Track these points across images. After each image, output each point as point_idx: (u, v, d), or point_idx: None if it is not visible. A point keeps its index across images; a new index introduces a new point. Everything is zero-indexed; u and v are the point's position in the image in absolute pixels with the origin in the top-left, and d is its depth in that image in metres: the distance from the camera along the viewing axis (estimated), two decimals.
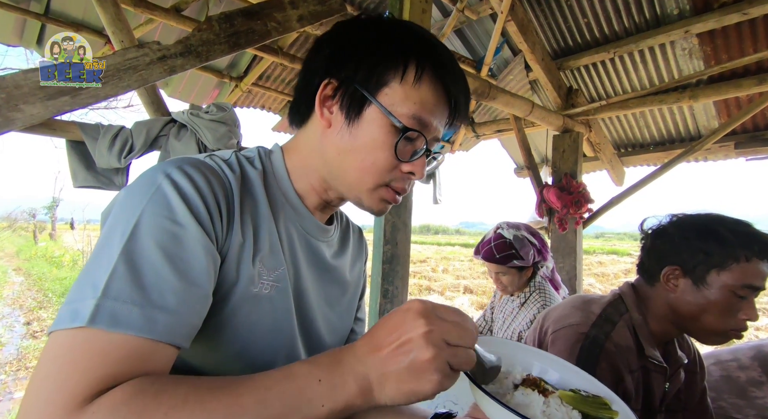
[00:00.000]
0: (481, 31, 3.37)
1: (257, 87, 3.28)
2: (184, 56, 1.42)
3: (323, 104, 0.59)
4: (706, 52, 2.71)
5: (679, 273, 0.97)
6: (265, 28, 1.62)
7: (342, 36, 0.60)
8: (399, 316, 0.43)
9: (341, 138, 0.58)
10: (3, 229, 18.17)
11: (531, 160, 3.34)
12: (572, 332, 0.97)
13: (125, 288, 0.41)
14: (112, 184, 1.47)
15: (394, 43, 0.57)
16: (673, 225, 1.02)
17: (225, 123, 1.56)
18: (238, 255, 0.53)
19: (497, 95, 2.49)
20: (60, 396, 0.37)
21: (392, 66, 0.56)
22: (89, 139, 1.40)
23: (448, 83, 0.58)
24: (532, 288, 1.91)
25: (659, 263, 1.00)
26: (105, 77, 1.28)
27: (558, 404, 0.50)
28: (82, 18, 2.41)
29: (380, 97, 0.56)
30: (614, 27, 2.86)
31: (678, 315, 0.97)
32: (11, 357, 5.01)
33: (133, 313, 0.41)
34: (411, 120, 0.56)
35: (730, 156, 3.18)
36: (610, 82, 3.25)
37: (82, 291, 0.42)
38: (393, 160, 0.57)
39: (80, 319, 0.39)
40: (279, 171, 0.63)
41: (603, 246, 23.55)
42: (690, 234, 0.97)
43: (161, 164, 0.52)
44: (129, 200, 0.48)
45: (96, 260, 0.44)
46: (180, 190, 0.48)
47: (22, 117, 1.12)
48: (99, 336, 0.39)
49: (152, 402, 0.37)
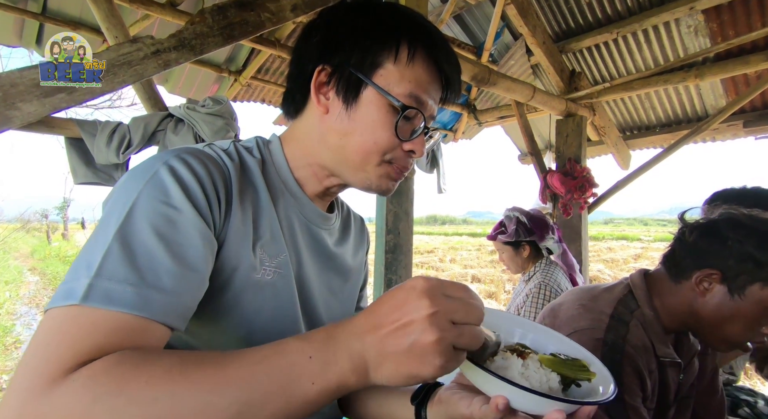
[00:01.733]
0: (480, 15, 3.31)
1: (256, 80, 3.27)
2: (178, 50, 1.41)
3: (319, 91, 0.59)
4: (712, 28, 2.64)
5: (717, 279, 0.88)
6: (259, 18, 1.61)
7: (331, 22, 0.60)
8: (402, 294, 0.40)
9: (341, 122, 0.58)
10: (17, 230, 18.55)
11: (534, 145, 3.30)
12: (587, 338, 0.90)
13: (119, 269, 0.42)
14: (112, 179, 1.49)
15: (384, 24, 0.58)
16: (728, 225, 0.90)
17: (222, 116, 1.57)
18: (237, 241, 0.54)
19: (498, 81, 2.46)
20: (45, 366, 0.37)
21: (385, 47, 0.57)
22: (87, 136, 1.41)
23: (441, 61, 0.59)
24: (537, 267, 2.03)
25: (697, 262, 0.90)
26: None
27: (537, 366, 0.50)
28: (80, 16, 2.41)
29: (376, 79, 0.56)
30: (617, 6, 2.80)
31: (697, 318, 0.91)
32: None
33: (127, 292, 0.41)
34: (408, 98, 0.56)
35: (739, 135, 3.11)
36: (613, 64, 3.19)
37: (77, 272, 0.42)
38: (394, 139, 0.58)
39: (73, 297, 0.40)
40: (278, 160, 0.64)
41: (612, 232, 23.35)
42: (747, 241, 0.86)
43: (160, 153, 0.53)
44: (127, 185, 0.48)
45: (92, 242, 0.45)
46: (177, 175, 0.49)
47: (20, 115, 1.14)
48: (90, 312, 0.40)
49: (133, 370, 0.37)
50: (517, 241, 2.05)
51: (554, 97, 2.96)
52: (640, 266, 8.82)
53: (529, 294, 1.89)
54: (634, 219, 61.35)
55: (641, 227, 34.82)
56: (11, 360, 4.96)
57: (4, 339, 5.64)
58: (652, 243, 17.47)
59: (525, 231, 2.03)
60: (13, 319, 6.88)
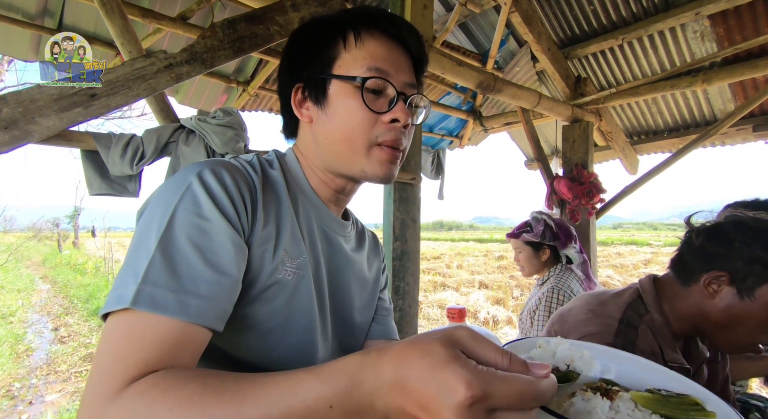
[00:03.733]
0: (485, 23, 3.34)
1: (264, 90, 3.32)
2: (190, 63, 1.45)
3: (300, 107, 0.66)
4: (719, 33, 2.63)
5: (726, 281, 0.88)
6: (268, 31, 1.64)
7: (289, 47, 0.67)
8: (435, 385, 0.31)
9: (323, 124, 0.63)
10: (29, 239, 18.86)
11: (540, 151, 3.30)
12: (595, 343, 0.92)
13: (162, 276, 0.46)
14: (126, 190, 1.52)
15: (328, 23, 0.63)
16: (735, 227, 0.90)
17: (232, 127, 1.60)
18: (262, 245, 0.58)
19: (503, 88, 2.47)
20: (106, 381, 0.42)
21: (333, 41, 0.61)
22: (102, 148, 1.45)
23: (386, 27, 0.62)
24: (552, 272, 2.03)
25: (705, 265, 0.90)
26: (115, 87, 1.32)
27: (631, 408, 0.39)
28: (94, 31, 2.48)
29: (335, 71, 0.61)
30: (621, 12, 2.81)
31: (707, 321, 0.90)
32: (41, 362, 5.20)
33: (169, 298, 0.45)
34: (368, 73, 0.59)
35: (749, 139, 3.08)
36: (619, 69, 3.19)
37: (125, 279, 0.47)
38: (369, 115, 0.60)
39: (124, 302, 0.45)
40: (294, 169, 0.69)
41: (621, 237, 23.08)
42: (754, 243, 0.86)
43: (192, 165, 0.57)
44: (164, 197, 0.53)
45: (136, 251, 0.49)
46: (208, 188, 0.53)
47: (39, 129, 1.17)
48: (139, 319, 0.44)
49: (161, 396, 0.40)
50: (539, 243, 2.05)
51: (560, 103, 2.96)
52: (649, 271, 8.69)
53: (542, 298, 1.89)
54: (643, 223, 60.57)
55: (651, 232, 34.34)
56: (23, 368, 5.02)
57: (16, 347, 5.71)
58: (662, 248, 17.23)
59: (551, 234, 2.04)
60: (25, 327, 6.97)
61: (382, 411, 0.35)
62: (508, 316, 6.76)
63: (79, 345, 5.78)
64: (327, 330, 0.67)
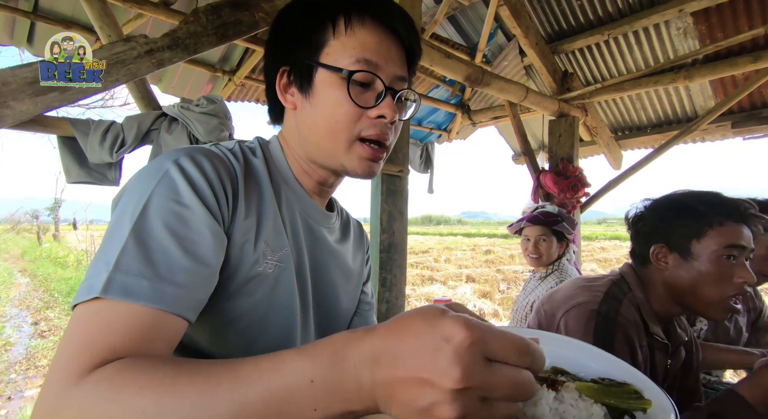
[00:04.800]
0: (474, 16, 3.33)
1: (250, 80, 3.26)
2: (172, 49, 1.41)
3: (284, 92, 0.62)
4: (701, 30, 2.68)
5: (666, 250, 1.01)
6: (253, 18, 1.61)
7: (274, 30, 0.63)
8: (434, 340, 0.30)
9: (306, 113, 0.60)
10: (6, 231, 18.30)
11: (527, 146, 3.33)
12: (583, 310, 0.98)
13: (135, 264, 0.44)
14: (105, 179, 1.48)
15: (315, 8, 0.59)
16: (648, 209, 1.08)
17: (216, 115, 1.57)
18: (243, 236, 0.55)
19: (491, 81, 2.48)
20: (67, 366, 0.39)
21: (322, 26, 0.58)
22: (80, 135, 1.40)
23: (379, 16, 0.58)
24: (555, 267, 2.06)
25: (646, 245, 1.04)
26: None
27: (575, 398, 0.40)
28: (72, 15, 2.39)
29: (323, 58, 0.57)
30: (608, 8, 2.83)
31: (676, 291, 0.99)
32: (21, 357, 5.08)
33: (143, 285, 0.43)
34: (356, 64, 0.56)
35: (728, 135, 3.17)
36: (605, 65, 3.23)
37: (96, 268, 0.44)
38: (355, 110, 0.57)
39: (94, 291, 0.42)
40: (278, 158, 0.66)
41: (605, 232, 23.55)
42: (664, 213, 1.03)
43: (169, 152, 0.54)
44: (139, 184, 0.50)
45: (108, 240, 0.46)
46: (186, 174, 0.51)
47: (12, 114, 1.13)
48: (109, 307, 0.42)
49: (131, 378, 0.38)
50: (560, 233, 2.10)
51: (547, 98, 2.98)
52: None
53: None
54: None
55: None
56: (1, 363, 4.90)
57: None
58: None
59: (571, 226, 2.12)
60: (3, 321, 6.79)
61: (368, 389, 0.32)
62: (495, 309, 6.86)
63: (59, 340, 5.66)
64: (309, 324, 0.66)
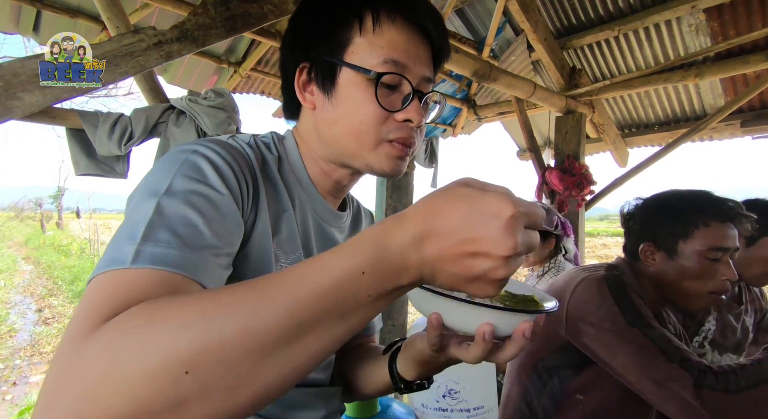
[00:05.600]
0: (482, 10, 3.29)
1: (256, 72, 3.24)
2: (181, 41, 1.40)
3: (304, 90, 0.60)
4: (714, 27, 2.64)
5: (654, 248, 1.06)
6: (262, 11, 1.59)
7: (296, 22, 0.61)
8: (476, 212, 0.33)
9: (327, 113, 0.57)
10: (10, 219, 18.40)
11: (533, 142, 3.31)
12: (591, 280, 1.02)
13: (163, 236, 0.40)
14: (113, 171, 1.48)
15: (341, 1, 0.56)
16: (638, 207, 1.13)
17: (224, 109, 1.56)
18: (260, 234, 0.54)
19: (499, 77, 2.46)
20: (85, 319, 0.34)
21: (348, 23, 0.55)
22: (89, 127, 1.40)
23: (408, 14, 0.55)
24: (551, 264, 2.03)
25: (636, 243, 1.09)
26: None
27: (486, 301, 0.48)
28: (78, 4, 2.37)
29: (347, 57, 0.55)
30: (619, 4, 2.79)
31: (661, 285, 1.06)
32: (25, 343, 5.16)
33: (172, 254, 0.39)
34: (384, 65, 0.53)
35: (737, 134, 3.13)
36: (614, 61, 3.19)
37: (119, 243, 0.40)
38: (380, 112, 0.54)
39: (121, 263, 0.38)
40: (293, 156, 0.64)
41: (607, 229, 23.51)
42: (652, 212, 1.08)
43: (187, 143, 0.53)
44: (159, 171, 0.48)
45: (130, 221, 0.43)
46: (210, 160, 0.49)
47: (21, 105, 1.13)
48: (135, 271, 0.38)
49: (164, 303, 0.34)
50: (547, 233, 2.09)
51: (554, 94, 2.96)
52: None
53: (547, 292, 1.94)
54: None
55: None
56: (6, 349, 4.97)
57: None
58: None
59: (560, 223, 2.12)
60: (7, 308, 6.87)
61: (415, 266, 0.35)
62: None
63: (63, 326, 5.73)
64: None
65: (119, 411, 0.29)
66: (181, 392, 0.30)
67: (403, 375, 0.63)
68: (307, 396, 0.65)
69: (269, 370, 0.32)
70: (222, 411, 0.32)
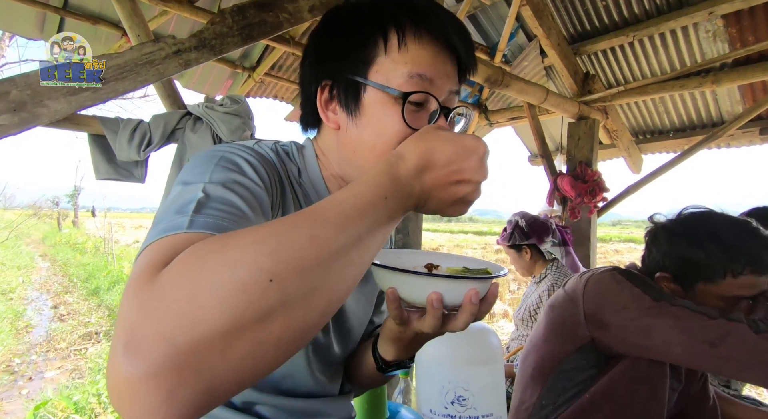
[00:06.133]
0: (495, 16, 3.29)
1: (269, 77, 3.29)
2: (199, 50, 1.44)
3: (326, 108, 0.59)
4: (732, 33, 2.60)
5: (670, 279, 0.99)
6: (277, 19, 1.62)
7: (317, 37, 0.60)
8: (463, 153, 0.45)
9: (351, 135, 0.57)
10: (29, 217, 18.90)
11: (545, 148, 3.29)
12: (599, 275, 1.00)
13: (212, 211, 0.42)
14: (132, 176, 1.52)
15: (365, 18, 0.56)
16: (665, 230, 1.01)
17: (239, 115, 1.59)
18: None
19: (511, 83, 2.45)
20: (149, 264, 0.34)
21: (372, 42, 0.54)
22: (110, 133, 1.45)
23: (435, 31, 0.54)
24: (549, 270, 2.02)
25: (654, 266, 1.03)
26: (123, 72, 1.31)
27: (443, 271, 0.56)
28: (99, 11, 2.45)
29: (372, 76, 0.54)
30: (634, 9, 2.77)
31: None
32: (41, 339, 5.27)
33: (222, 224, 0.40)
34: (409, 80, 0.53)
35: (755, 142, 3.07)
36: (628, 67, 3.16)
37: (169, 218, 0.40)
38: (407, 132, 0.53)
39: (175, 229, 0.38)
40: (312, 169, 0.64)
41: (620, 235, 23.15)
42: (679, 243, 0.96)
43: (218, 145, 0.56)
44: (198, 165, 0.50)
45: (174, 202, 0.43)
46: (245, 158, 0.52)
47: (47, 112, 1.17)
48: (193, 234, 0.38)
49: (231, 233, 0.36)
50: (517, 245, 2.10)
51: (567, 100, 2.94)
52: None
53: (542, 297, 1.93)
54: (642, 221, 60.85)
55: None
56: (23, 344, 5.08)
57: (16, 324, 5.78)
58: None
59: (522, 234, 2.10)
60: (24, 304, 7.03)
61: (417, 194, 0.44)
62: (504, 310, 6.83)
63: (78, 323, 5.84)
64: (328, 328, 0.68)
65: (213, 329, 0.30)
66: (268, 302, 0.31)
67: (384, 356, 0.66)
68: (319, 404, 0.67)
69: (336, 276, 0.36)
70: (300, 320, 0.34)
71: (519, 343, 2.03)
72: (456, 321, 0.48)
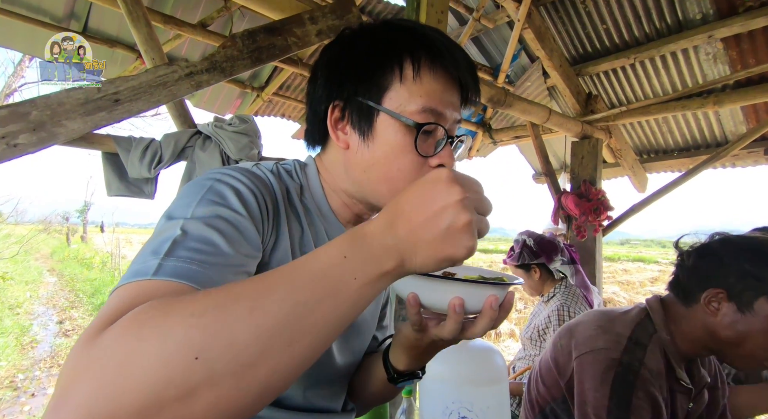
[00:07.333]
0: (497, 38, 3.38)
1: (278, 96, 3.38)
2: (210, 72, 1.50)
3: (336, 128, 0.60)
4: (732, 56, 2.64)
5: (723, 297, 0.90)
6: (286, 43, 1.69)
7: (333, 57, 0.61)
8: (427, 187, 0.40)
9: (361, 156, 0.58)
10: (39, 232, 19.17)
11: (549, 166, 3.31)
12: (602, 357, 0.94)
13: (185, 253, 0.43)
14: (142, 193, 1.57)
15: (383, 45, 0.57)
16: (721, 244, 0.94)
17: (247, 134, 1.64)
18: (278, 257, 0.56)
19: (513, 103, 2.50)
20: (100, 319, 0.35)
21: (388, 68, 0.56)
22: (123, 151, 1.50)
23: (448, 66, 0.57)
24: (557, 289, 2.02)
25: (701, 284, 0.93)
26: (138, 93, 1.37)
27: None
28: (117, 35, 2.56)
29: (386, 103, 0.56)
30: (634, 33, 2.83)
31: (715, 339, 0.92)
32: (45, 355, 5.27)
33: (192, 269, 0.41)
34: (422, 114, 0.55)
35: (760, 162, 3.07)
36: (630, 88, 3.20)
37: (143, 257, 0.43)
38: (417, 159, 0.56)
39: (143, 274, 0.40)
40: (314, 186, 0.65)
41: (628, 254, 22.82)
42: (741, 257, 0.90)
43: (213, 170, 0.56)
44: (186, 196, 0.51)
45: (155, 239, 0.45)
46: (233, 186, 0.52)
47: (65, 132, 1.22)
48: (155, 283, 0.39)
49: (178, 297, 0.36)
50: (526, 264, 2.08)
51: (570, 119, 2.98)
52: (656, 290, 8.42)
53: (551, 316, 1.90)
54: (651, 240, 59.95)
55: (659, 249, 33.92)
56: (27, 359, 5.08)
57: (21, 339, 5.79)
58: (669, 266, 16.95)
59: (531, 254, 2.07)
60: (31, 319, 7.06)
61: (393, 247, 0.39)
62: (511, 329, 6.72)
63: None
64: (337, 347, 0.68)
65: (131, 402, 0.29)
66: (192, 379, 0.30)
67: (395, 365, 0.65)
68: None
69: (274, 355, 0.33)
70: (228, 400, 0.32)
71: (526, 363, 2.00)
72: (475, 327, 0.48)
